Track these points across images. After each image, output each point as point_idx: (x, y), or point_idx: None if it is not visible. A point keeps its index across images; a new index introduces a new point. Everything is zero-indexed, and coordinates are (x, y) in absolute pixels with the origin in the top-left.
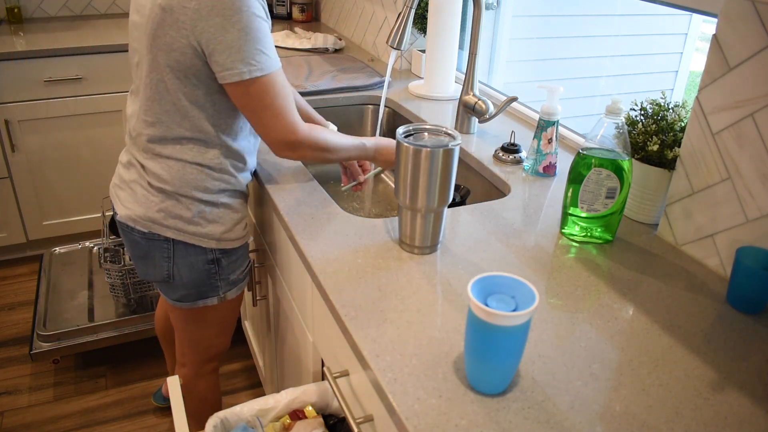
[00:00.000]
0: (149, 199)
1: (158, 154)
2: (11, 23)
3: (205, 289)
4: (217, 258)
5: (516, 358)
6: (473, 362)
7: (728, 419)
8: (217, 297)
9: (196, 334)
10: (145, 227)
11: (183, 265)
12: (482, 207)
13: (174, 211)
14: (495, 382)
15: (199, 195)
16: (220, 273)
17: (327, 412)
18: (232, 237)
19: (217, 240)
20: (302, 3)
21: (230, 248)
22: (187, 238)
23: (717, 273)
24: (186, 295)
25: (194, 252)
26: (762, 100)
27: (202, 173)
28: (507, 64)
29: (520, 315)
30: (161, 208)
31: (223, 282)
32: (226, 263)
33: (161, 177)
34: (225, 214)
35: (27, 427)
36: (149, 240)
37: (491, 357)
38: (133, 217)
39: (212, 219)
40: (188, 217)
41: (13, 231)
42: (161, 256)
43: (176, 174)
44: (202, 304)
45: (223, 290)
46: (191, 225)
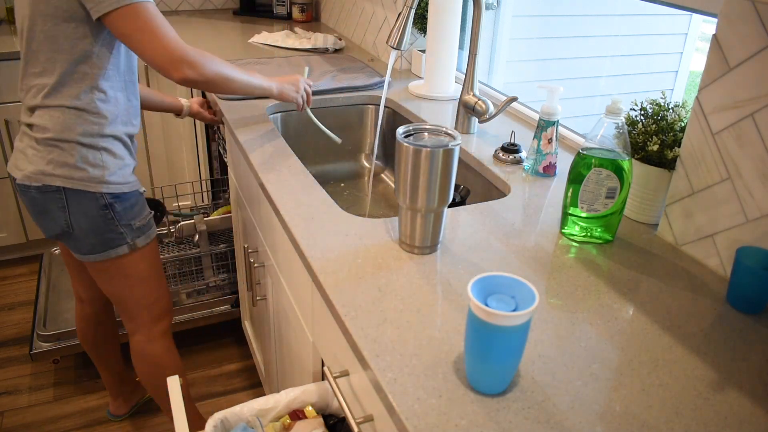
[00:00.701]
0: (38, 155)
1: (41, 105)
2: (11, 23)
3: (110, 237)
4: (109, 203)
5: (516, 358)
6: (473, 362)
7: (728, 419)
8: (126, 245)
9: (125, 293)
10: (38, 180)
11: (78, 214)
12: (482, 207)
13: (60, 160)
14: (495, 382)
15: (80, 139)
16: (118, 219)
17: (327, 412)
18: (118, 181)
19: (105, 183)
20: (302, 3)
21: (120, 192)
22: (75, 184)
23: (717, 273)
24: (93, 245)
25: (86, 198)
26: (762, 100)
27: (80, 117)
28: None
29: (520, 315)
30: (49, 159)
31: (126, 229)
32: (121, 209)
33: (45, 127)
34: (108, 158)
35: (27, 427)
36: (44, 193)
37: (491, 357)
38: (27, 175)
39: (95, 163)
40: (73, 162)
41: (13, 231)
42: (57, 207)
43: (57, 120)
44: (114, 255)
45: (130, 237)
46: (77, 171)
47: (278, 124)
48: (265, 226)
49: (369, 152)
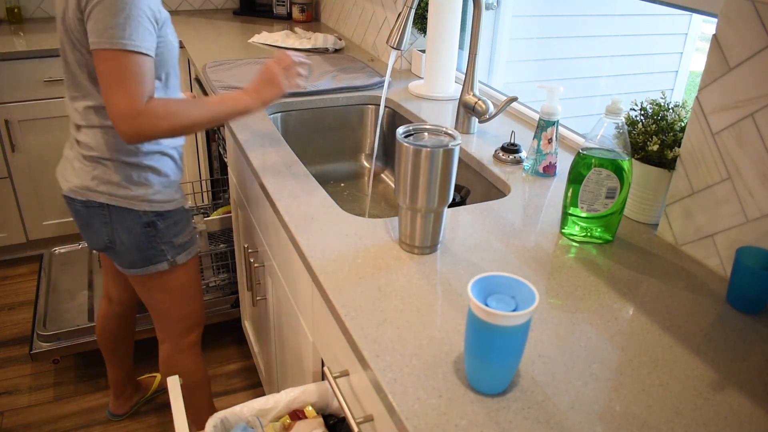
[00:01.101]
0: (84, 169)
1: (86, 125)
2: (11, 23)
3: (151, 254)
4: (152, 221)
5: (516, 358)
6: (473, 362)
7: (728, 419)
8: (166, 262)
9: (162, 305)
10: (83, 196)
11: (121, 230)
12: (482, 207)
13: (105, 177)
14: (495, 382)
15: (123, 158)
16: (159, 237)
17: (327, 412)
18: (162, 199)
19: (149, 202)
20: (302, 3)
21: (163, 210)
22: (119, 201)
23: (717, 273)
24: (134, 261)
25: (129, 216)
26: (762, 100)
27: None
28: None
29: (520, 315)
30: (94, 175)
31: (168, 246)
32: (164, 226)
33: (89, 145)
34: (152, 176)
35: (27, 427)
36: (88, 208)
37: (491, 357)
38: (73, 189)
39: (138, 182)
40: (117, 181)
41: (13, 231)
42: (100, 222)
43: (101, 140)
44: (154, 270)
45: (170, 254)
46: (121, 189)
47: (278, 124)
48: (265, 226)
49: (369, 152)
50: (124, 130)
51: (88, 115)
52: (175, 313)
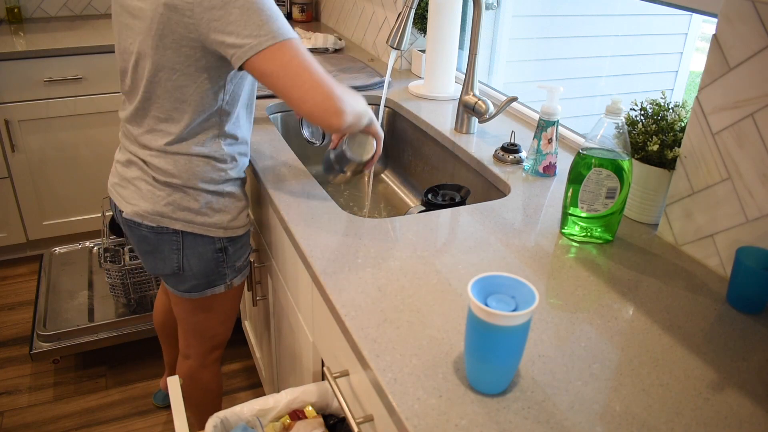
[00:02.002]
0: (155, 194)
1: (164, 151)
2: (11, 23)
3: (213, 278)
4: (224, 246)
5: (516, 358)
6: (473, 362)
7: (728, 419)
8: (224, 285)
9: (202, 324)
10: (154, 221)
11: (192, 256)
12: (482, 207)
13: (182, 204)
14: (495, 382)
15: (206, 186)
16: (227, 261)
17: (327, 412)
18: (237, 225)
19: (225, 228)
20: (302, 3)
21: (236, 236)
22: (196, 228)
23: (717, 273)
24: (196, 285)
25: (203, 242)
26: (762, 100)
27: (208, 164)
28: (507, 64)
29: (520, 315)
30: (169, 201)
31: (230, 269)
32: (233, 251)
33: (168, 171)
34: (230, 202)
35: (27, 427)
36: (158, 234)
37: (491, 357)
38: (140, 213)
39: (219, 209)
40: (196, 208)
41: (13, 231)
42: (171, 248)
43: (183, 167)
44: (210, 293)
45: (230, 277)
46: (200, 216)
47: (278, 124)
48: (265, 226)
49: None
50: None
51: (170, 142)
52: (210, 332)
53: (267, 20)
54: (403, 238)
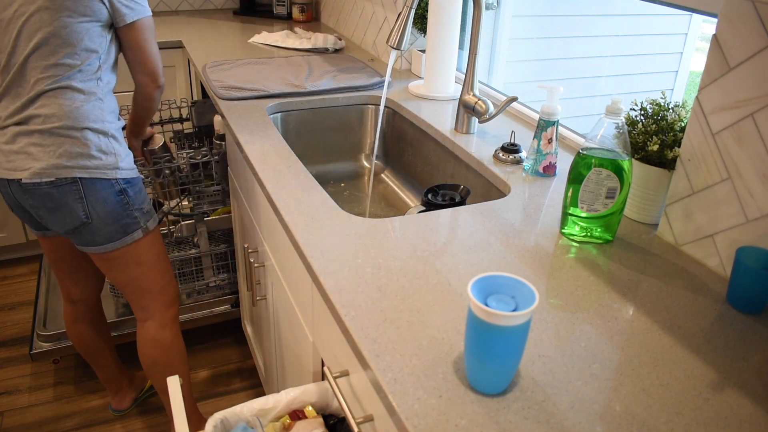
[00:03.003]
0: (46, 149)
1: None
2: None
3: (126, 222)
4: (123, 188)
5: (516, 358)
6: (473, 362)
7: (728, 419)
8: (140, 229)
9: (141, 279)
10: (51, 175)
11: (96, 203)
12: (482, 207)
13: (74, 150)
14: (495, 383)
15: (90, 124)
16: (131, 203)
17: (327, 412)
18: (128, 166)
19: (119, 169)
20: (302, 3)
21: (130, 177)
22: (92, 173)
23: (717, 273)
24: (111, 233)
25: (102, 187)
26: (762, 100)
27: (89, 102)
28: (507, 64)
29: (520, 315)
30: (60, 153)
31: (139, 213)
32: (133, 193)
33: (52, 115)
34: (116, 145)
35: (27, 427)
36: (58, 187)
37: (491, 357)
38: (37, 172)
39: (108, 150)
40: (87, 152)
41: (13, 231)
42: (74, 199)
43: (67, 106)
44: (130, 240)
45: (143, 221)
46: (93, 159)
47: (278, 124)
48: (265, 226)
49: (369, 152)
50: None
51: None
52: (155, 286)
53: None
54: (403, 238)
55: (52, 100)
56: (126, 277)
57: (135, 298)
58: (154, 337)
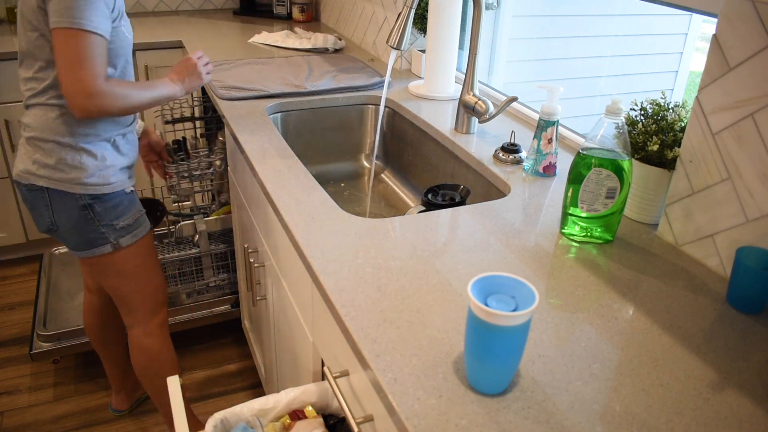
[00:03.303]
0: (26, 154)
1: (30, 104)
2: (11, 23)
3: (92, 237)
4: (88, 203)
5: (516, 358)
6: (473, 362)
7: (728, 419)
8: (109, 245)
9: (121, 289)
10: (26, 179)
11: (61, 213)
12: (482, 207)
13: (42, 160)
14: (495, 382)
15: (57, 138)
16: (98, 219)
17: (327, 412)
18: (97, 182)
19: (82, 185)
20: (302, 3)
21: (99, 194)
22: (55, 184)
23: (717, 273)
24: (77, 243)
25: (65, 199)
26: (762, 100)
27: (61, 117)
28: (507, 64)
29: (520, 315)
30: (34, 159)
31: (108, 229)
32: (101, 209)
33: (30, 125)
34: (86, 159)
35: (27, 427)
36: (30, 191)
37: (491, 357)
38: (18, 173)
39: (73, 165)
40: (52, 164)
41: (13, 231)
42: (42, 205)
43: (40, 119)
44: (98, 252)
45: (112, 237)
46: (57, 172)
47: (278, 124)
48: (265, 226)
49: (369, 152)
50: (82, 105)
51: (34, 93)
52: (135, 296)
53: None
54: (403, 238)
55: (31, 111)
56: (107, 283)
57: (119, 304)
58: (139, 344)
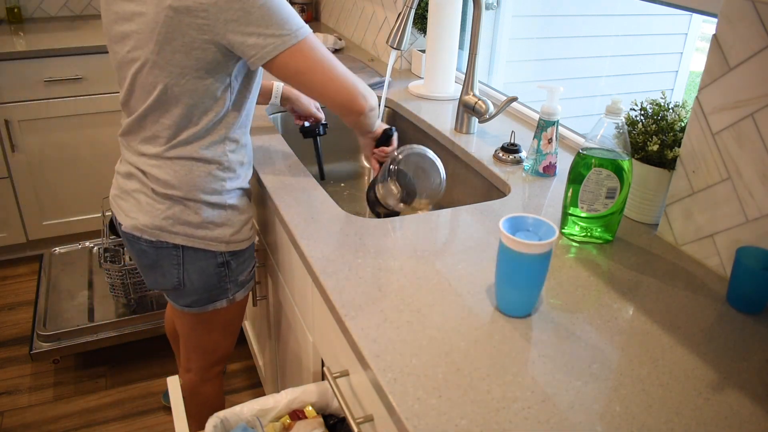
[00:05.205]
0: (155, 207)
1: (164, 156)
2: (11, 23)
3: (215, 293)
4: (226, 261)
5: (540, 282)
6: (504, 288)
7: (728, 419)
8: (226, 299)
9: (203, 339)
10: (153, 236)
11: (193, 271)
12: (482, 207)
13: (182, 217)
14: (522, 305)
15: (207, 198)
16: (229, 275)
17: (327, 412)
18: (240, 238)
19: (227, 243)
20: (302, 3)
21: (239, 250)
22: (196, 243)
23: (717, 273)
24: (197, 300)
25: (204, 257)
26: (762, 100)
27: (210, 173)
28: (507, 64)
29: (543, 244)
30: (168, 215)
31: (233, 284)
32: (236, 265)
33: (167, 182)
34: (233, 215)
35: (27, 427)
36: (157, 249)
37: (520, 282)
38: (139, 227)
39: (221, 222)
40: (197, 222)
41: (13, 231)
42: (171, 263)
43: (183, 177)
44: (212, 308)
45: (232, 292)
46: (200, 230)
47: (278, 124)
48: (265, 226)
49: None
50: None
51: (173, 145)
52: (211, 347)
53: (287, 18)
54: (403, 238)
55: (168, 164)
56: (189, 331)
57: (187, 350)
58: (193, 389)
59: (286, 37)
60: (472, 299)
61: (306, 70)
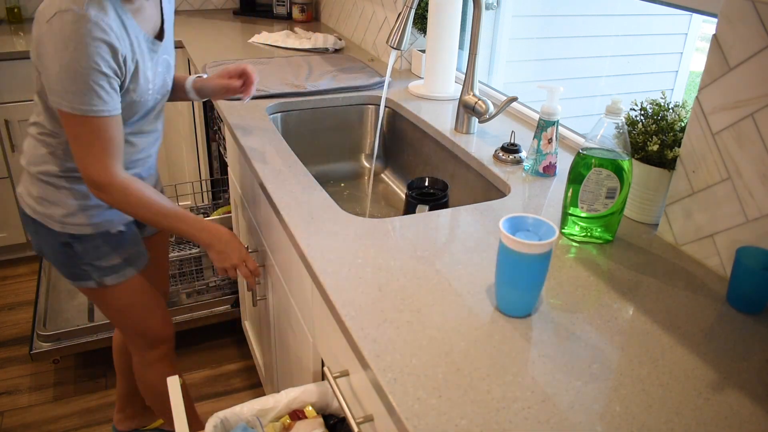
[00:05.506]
0: (22, 179)
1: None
2: (11, 23)
3: (74, 271)
4: (67, 242)
5: (540, 282)
6: (504, 288)
7: (728, 419)
8: (93, 281)
9: (115, 321)
10: (21, 203)
11: (44, 244)
12: (482, 207)
13: (29, 190)
14: (523, 306)
15: (40, 175)
16: (78, 257)
17: (327, 412)
18: (77, 222)
19: (60, 223)
20: (302, 3)
21: (79, 234)
22: (37, 216)
23: (717, 273)
24: (63, 273)
25: (46, 232)
26: (762, 100)
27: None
28: (507, 64)
29: (543, 244)
30: (24, 186)
31: (90, 267)
32: (81, 249)
33: (24, 153)
34: (66, 197)
35: (27, 427)
36: (24, 216)
37: (519, 282)
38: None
39: (53, 201)
40: (36, 196)
41: (13, 231)
42: (31, 231)
43: (30, 150)
44: (84, 286)
45: (96, 275)
46: (38, 205)
47: (278, 124)
48: (265, 226)
49: (369, 152)
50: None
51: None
52: (130, 330)
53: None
54: (403, 238)
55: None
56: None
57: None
58: (138, 373)
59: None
60: (472, 299)
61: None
